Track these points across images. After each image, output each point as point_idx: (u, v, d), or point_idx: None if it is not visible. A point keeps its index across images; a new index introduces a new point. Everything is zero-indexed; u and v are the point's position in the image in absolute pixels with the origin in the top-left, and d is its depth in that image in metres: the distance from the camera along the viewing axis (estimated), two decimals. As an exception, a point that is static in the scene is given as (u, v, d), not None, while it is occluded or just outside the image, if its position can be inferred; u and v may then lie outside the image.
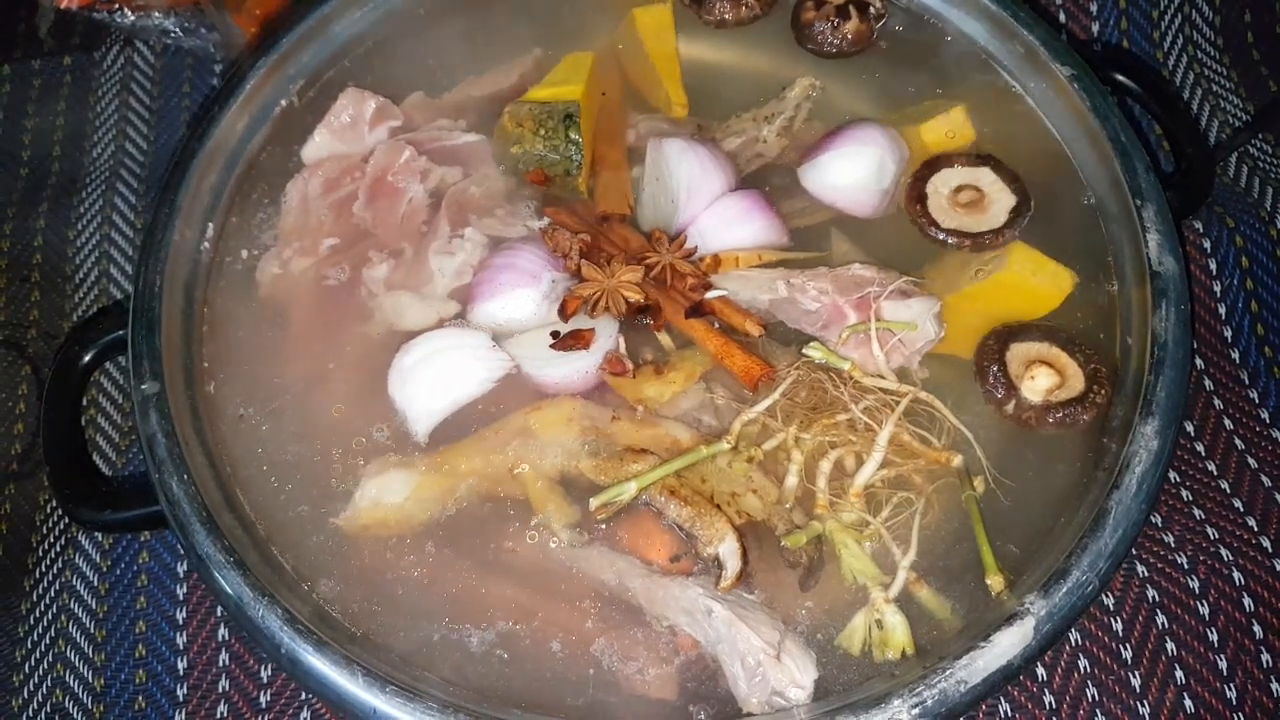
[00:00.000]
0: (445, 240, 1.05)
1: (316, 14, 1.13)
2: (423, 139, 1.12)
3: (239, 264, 1.06)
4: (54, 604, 1.14)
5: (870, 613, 0.87)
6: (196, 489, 0.88)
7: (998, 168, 1.07)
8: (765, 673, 0.83)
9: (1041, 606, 0.83)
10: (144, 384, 0.92)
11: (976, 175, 1.07)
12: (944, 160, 1.08)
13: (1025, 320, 1.01)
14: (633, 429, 0.95)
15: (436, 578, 0.91)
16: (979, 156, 1.08)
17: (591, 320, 1.00)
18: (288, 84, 1.12)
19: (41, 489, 1.21)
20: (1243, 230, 1.26)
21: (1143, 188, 1.00)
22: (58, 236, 1.35)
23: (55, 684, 1.10)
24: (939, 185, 1.07)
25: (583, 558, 0.91)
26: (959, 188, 1.07)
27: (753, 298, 1.02)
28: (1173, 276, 0.96)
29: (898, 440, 0.92)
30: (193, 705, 1.08)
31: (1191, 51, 1.42)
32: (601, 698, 0.85)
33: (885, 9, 1.17)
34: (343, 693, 0.80)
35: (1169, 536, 1.11)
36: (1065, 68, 1.07)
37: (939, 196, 1.07)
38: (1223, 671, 1.06)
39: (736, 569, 0.88)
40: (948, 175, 1.08)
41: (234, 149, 1.07)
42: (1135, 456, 0.88)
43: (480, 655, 0.87)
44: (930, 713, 0.79)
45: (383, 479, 0.92)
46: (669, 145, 1.06)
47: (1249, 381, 1.21)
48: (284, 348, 1.02)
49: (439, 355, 0.96)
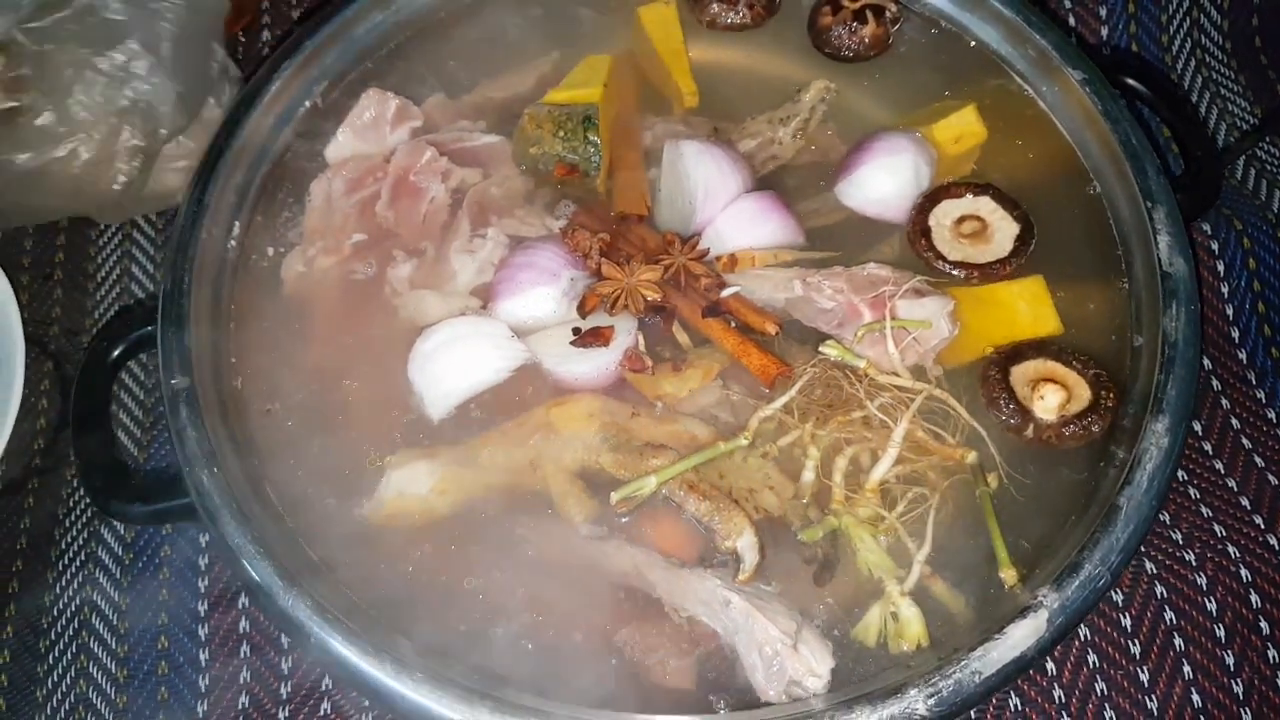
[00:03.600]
0: (466, 239, 1.07)
1: (341, 16, 1.14)
2: (443, 140, 1.13)
3: (265, 261, 1.08)
4: (77, 597, 1.16)
5: (885, 605, 0.89)
6: (226, 481, 0.89)
7: (998, 196, 1.07)
8: (783, 662, 0.85)
9: (1054, 599, 0.84)
10: (174, 379, 0.94)
11: (977, 205, 1.07)
12: (943, 192, 1.08)
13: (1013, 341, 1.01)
14: (652, 425, 0.97)
15: (459, 568, 0.92)
16: (979, 186, 1.08)
17: (610, 318, 1.01)
18: (312, 85, 1.14)
19: (64, 484, 1.23)
20: (1250, 232, 1.28)
21: (1153, 190, 1.01)
22: (80, 235, 1.36)
23: (79, 675, 1.12)
24: (941, 218, 1.07)
25: (603, 551, 0.92)
26: (961, 219, 1.07)
27: (769, 296, 1.04)
28: (1183, 277, 0.97)
29: (912, 437, 0.94)
30: (214, 696, 1.09)
31: (1199, 55, 1.44)
32: (623, 687, 0.87)
33: (900, 14, 1.19)
34: (371, 681, 0.82)
35: (1177, 534, 1.13)
36: (1077, 71, 1.09)
37: (942, 229, 1.07)
38: (1230, 667, 1.07)
39: (754, 562, 0.90)
40: (949, 207, 1.08)
41: (260, 149, 1.09)
42: (1146, 453, 0.89)
43: (505, 646, 0.88)
44: (945, 703, 0.80)
45: (407, 471, 0.94)
46: (687, 147, 1.08)
47: (1256, 381, 1.23)
48: (309, 344, 1.03)
49: (459, 341, 0.98)
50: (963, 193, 1.08)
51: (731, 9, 1.19)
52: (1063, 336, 1.01)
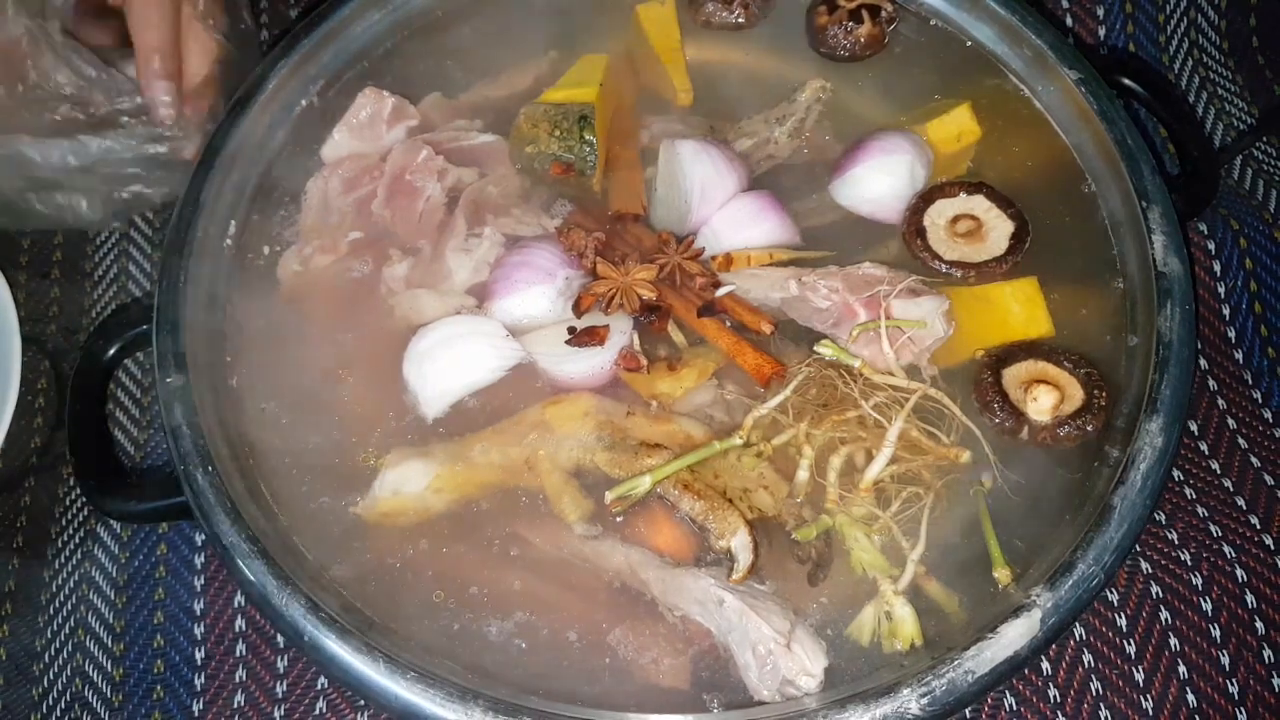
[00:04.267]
0: (462, 238, 1.07)
1: (337, 15, 1.14)
2: (439, 139, 1.13)
3: (261, 260, 1.08)
4: (73, 595, 1.16)
5: (879, 605, 0.89)
6: (221, 480, 0.90)
7: (992, 195, 1.07)
8: (776, 661, 0.85)
9: (1048, 599, 0.84)
10: (169, 377, 0.94)
11: (971, 204, 1.07)
12: (937, 191, 1.08)
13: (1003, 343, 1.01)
14: (647, 424, 0.97)
15: (454, 567, 0.92)
16: (972, 184, 1.08)
17: (605, 317, 1.02)
18: (308, 84, 1.14)
19: (60, 482, 1.23)
20: (1247, 233, 1.28)
21: (1148, 190, 1.01)
22: (77, 234, 1.36)
23: (75, 673, 1.12)
24: (935, 217, 1.07)
25: (597, 549, 0.93)
26: (956, 218, 1.07)
27: (764, 296, 1.04)
28: (1178, 277, 0.97)
29: (907, 436, 0.94)
30: (210, 694, 1.09)
31: (1197, 56, 1.44)
32: (617, 686, 0.87)
33: (897, 13, 1.19)
34: (365, 680, 0.82)
35: (1173, 534, 1.13)
36: (1073, 71, 1.09)
37: (937, 229, 1.07)
38: (1225, 667, 1.07)
39: (748, 562, 0.90)
40: (943, 206, 1.07)
41: (256, 147, 1.09)
42: (1140, 453, 0.89)
43: (499, 644, 0.88)
44: (939, 702, 0.80)
45: (402, 469, 0.94)
46: (683, 147, 1.08)
47: (1252, 381, 1.23)
48: (305, 343, 1.04)
49: (454, 340, 0.98)
50: (957, 192, 1.08)
51: (727, 8, 1.20)
52: (1057, 337, 1.01)
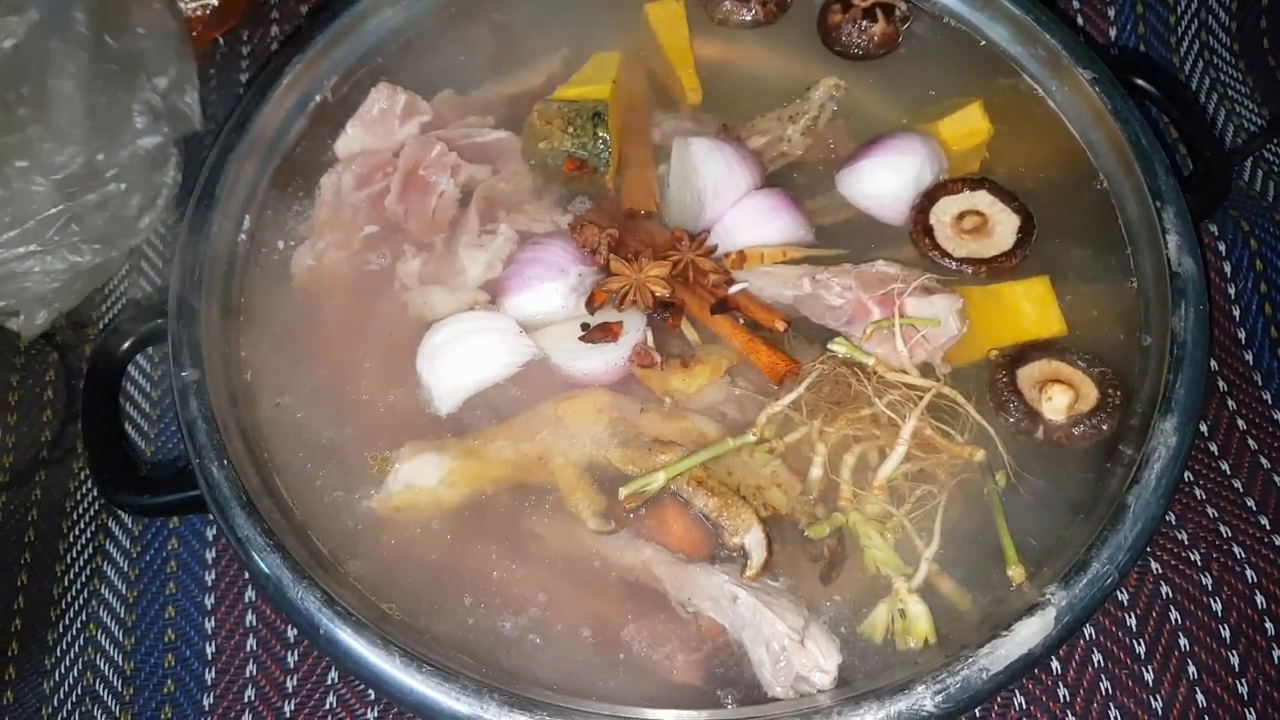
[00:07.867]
0: (475, 235, 1.07)
1: (351, 11, 1.15)
2: (452, 135, 1.14)
3: (275, 255, 1.08)
4: (85, 589, 1.16)
5: (893, 602, 0.89)
6: (236, 474, 0.90)
7: (994, 189, 1.07)
8: (790, 657, 0.85)
9: (1062, 597, 0.84)
10: (184, 371, 0.94)
11: (975, 200, 1.07)
12: (940, 189, 1.08)
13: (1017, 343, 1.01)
14: (660, 421, 0.97)
15: (468, 562, 0.92)
16: (974, 180, 1.08)
17: (619, 314, 1.02)
18: (322, 79, 1.15)
19: (72, 476, 1.23)
20: (1257, 234, 1.28)
21: (1162, 190, 1.02)
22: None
23: (86, 667, 1.12)
24: (941, 214, 1.07)
25: (610, 545, 0.93)
26: (961, 214, 1.07)
27: (778, 293, 1.04)
28: (1191, 277, 0.97)
29: (920, 435, 0.94)
30: (220, 688, 1.10)
31: (1207, 57, 1.44)
32: (631, 682, 0.87)
33: (910, 12, 1.19)
34: (380, 673, 0.82)
35: (1183, 534, 1.13)
36: (1086, 71, 1.09)
37: (944, 226, 1.07)
38: (1235, 667, 1.07)
39: (762, 558, 0.90)
40: (948, 203, 1.07)
41: (270, 142, 1.10)
42: (1155, 452, 0.90)
43: (513, 639, 0.88)
44: (953, 700, 0.80)
45: (416, 463, 0.94)
46: (696, 144, 1.08)
47: (1262, 382, 1.23)
48: (318, 337, 1.04)
49: (468, 335, 0.98)
50: (959, 188, 1.08)
51: (744, 6, 1.20)
52: (1070, 336, 1.01)
